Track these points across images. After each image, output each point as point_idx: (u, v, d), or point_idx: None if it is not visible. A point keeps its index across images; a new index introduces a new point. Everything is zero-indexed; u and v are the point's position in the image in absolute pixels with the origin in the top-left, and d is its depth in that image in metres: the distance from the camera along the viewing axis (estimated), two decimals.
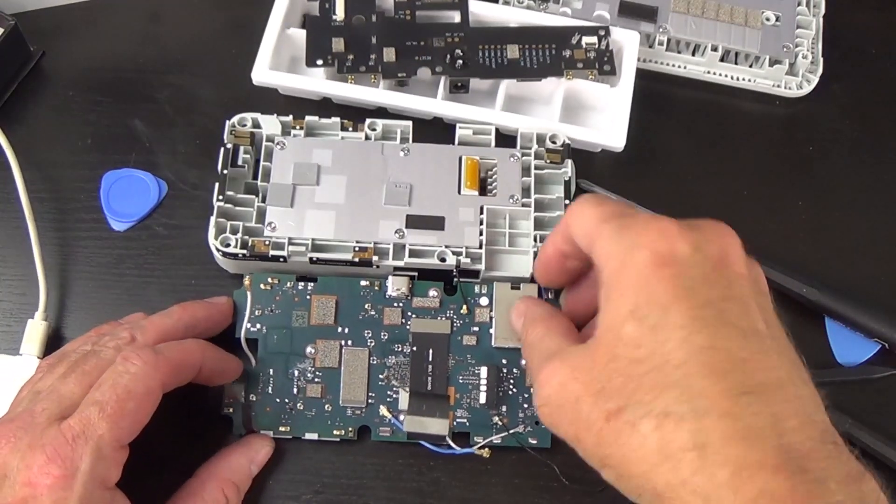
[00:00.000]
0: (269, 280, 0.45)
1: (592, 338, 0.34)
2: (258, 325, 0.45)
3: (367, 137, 0.48)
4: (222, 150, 0.47)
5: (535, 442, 0.44)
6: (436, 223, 0.46)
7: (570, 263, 0.39)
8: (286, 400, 0.44)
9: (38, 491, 0.34)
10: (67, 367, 0.39)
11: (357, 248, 0.45)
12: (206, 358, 0.41)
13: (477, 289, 0.45)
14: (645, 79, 0.54)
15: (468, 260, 0.45)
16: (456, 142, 0.49)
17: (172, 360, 0.39)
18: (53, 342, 0.46)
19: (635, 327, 0.32)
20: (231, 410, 0.44)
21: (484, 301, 0.45)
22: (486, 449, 0.43)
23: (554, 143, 0.49)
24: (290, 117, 0.48)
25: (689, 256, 0.32)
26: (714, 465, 0.29)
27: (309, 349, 0.44)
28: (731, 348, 0.31)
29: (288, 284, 0.45)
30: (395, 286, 0.45)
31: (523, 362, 0.44)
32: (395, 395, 0.44)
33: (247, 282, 0.45)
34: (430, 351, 0.45)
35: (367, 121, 0.48)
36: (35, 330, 0.46)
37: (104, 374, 0.37)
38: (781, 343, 0.33)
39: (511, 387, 0.44)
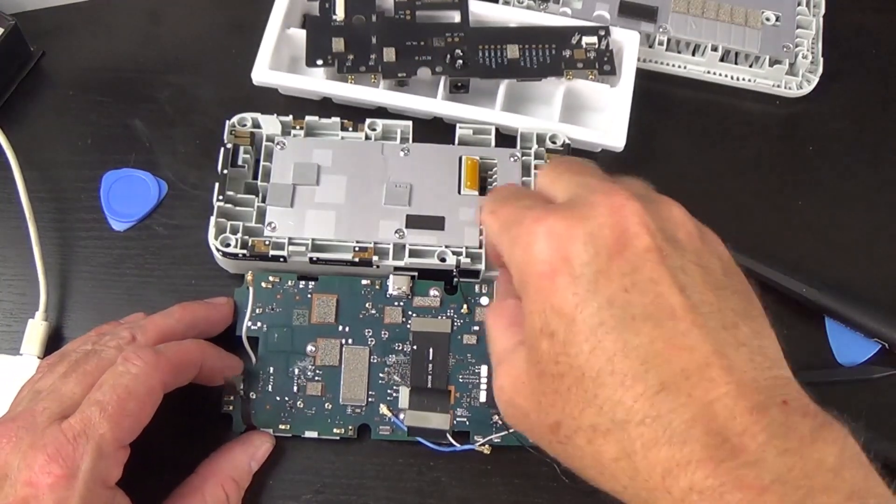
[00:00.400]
0: (271, 278, 0.45)
1: (524, 345, 0.33)
2: (259, 324, 0.45)
3: (367, 137, 0.48)
4: (222, 149, 0.47)
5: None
6: (436, 223, 0.46)
7: None
8: (286, 398, 0.44)
9: (40, 490, 0.34)
10: (68, 366, 0.39)
11: (357, 248, 0.45)
12: (207, 357, 0.41)
13: (477, 288, 0.45)
14: (645, 79, 0.53)
15: (468, 260, 0.45)
16: (456, 142, 0.49)
17: (173, 360, 0.39)
18: (53, 342, 0.46)
19: (549, 344, 0.31)
20: (231, 408, 0.44)
21: (484, 300, 0.45)
22: (487, 446, 0.43)
23: (554, 143, 0.49)
24: (290, 117, 0.48)
25: (581, 254, 0.31)
26: (644, 471, 0.28)
27: (309, 347, 0.44)
28: (641, 345, 0.29)
29: (289, 283, 0.45)
30: (396, 285, 0.45)
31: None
32: (395, 394, 0.44)
33: (249, 277, 0.45)
34: (431, 350, 0.45)
35: (367, 121, 0.48)
36: (35, 330, 0.46)
37: (105, 375, 0.37)
38: (706, 309, 0.30)
39: None
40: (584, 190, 0.34)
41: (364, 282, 0.45)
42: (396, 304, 0.45)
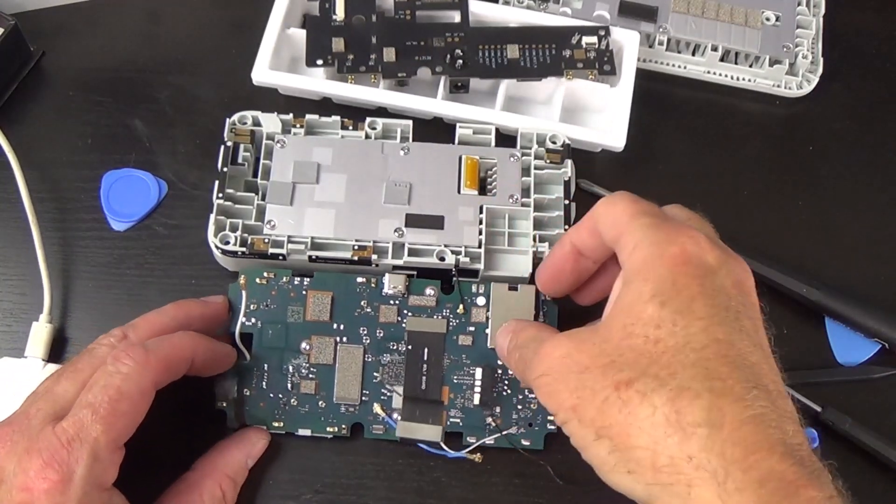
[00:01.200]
0: (266, 275, 0.45)
1: (601, 320, 0.36)
2: (253, 320, 0.45)
3: (367, 136, 0.48)
4: (222, 147, 0.47)
5: (527, 443, 0.44)
6: (435, 222, 0.46)
7: (583, 263, 0.40)
8: (280, 395, 0.44)
9: (35, 495, 0.34)
10: (63, 367, 0.39)
11: (356, 247, 0.45)
12: (198, 349, 0.41)
13: (474, 288, 0.45)
14: (645, 79, 0.54)
15: (467, 259, 0.45)
16: (456, 141, 0.49)
17: (163, 356, 0.38)
18: (55, 343, 0.46)
19: (657, 309, 0.33)
20: (224, 404, 0.44)
21: (481, 301, 0.45)
22: (478, 455, 0.43)
23: (554, 143, 0.49)
24: (291, 116, 0.48)
25: (716, 267, 0.34)
26: (726, 444, 0.30)
27: (304, 345, 0.44)
28: (743, 349, 0.33)
29: (284, 279, 0.45)
30: (392, 284, 0.45)
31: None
32: (388, 394, 0.44)
33: (242, 281, 0.45)
34: (426, 350, 0.45)
35: (368, 119, 0.48)
36: (40, 332, 0.46)
37: (96, 375, 0.37)
38: (774, 364, 0.34)
39: (505, 388, 0.44)
40: (718, 240, 0.38)
41: (359, 280, 0.45)
42: (392, 302, 0.45)
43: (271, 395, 0.44)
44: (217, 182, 0.46)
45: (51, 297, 0.46)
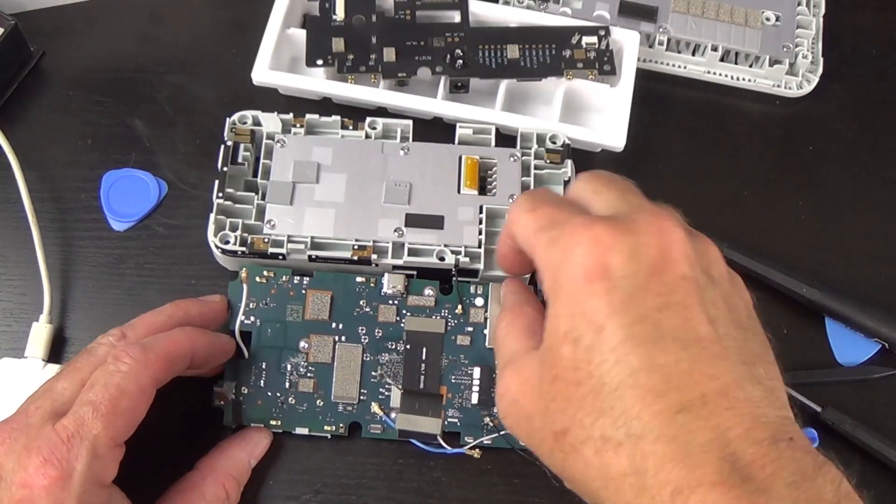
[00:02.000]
0: (265, 273, 0.45)
1: (541, 349, 0.33)
2: (252, 318, 0.45)
3: (367, 136, 0.48)
4: (222, 147, 0.47)
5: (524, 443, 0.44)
6: (435, 222, 0.46)
7: (527, 257, 0.37)
8: (278, 394, 0.44)
9: (35, 492, 0.34)
10: (62, 367, 0.39)
11: (356, 247, 0.45)
12: (197, 344, 0.40)
13: (473, 289, 0.45)
14: (645, 79, 0.54)
15: (467, 259, 0.45)
16: (456, 141, 0.49)
17: (162, 353, 0.38)
18: (54, 343, 0.46)
19: (571, 349, 0.31)
20: (222, 402, 0.43)
21: (479, 301, 0.45)
22: (477, 450, 0.43)
23: (554, 143, 0.49)
24: (291, 115, 0.48)
25: (623, 267, 0.31)
26: (653, 489, 0.28)
27: (302, 344, 0.44)
28: (666, 364, 0.29)
29: (283, 278, 0.45)
30: (391, 283, 0.45)
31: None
32: (387, 393, 0.44)
33: (243, 274, 0.45)
34: (424, 350, 0.45)
35: (368, 119, 0.48)
36: (40, 333, 0.46)
37: (96, 373, 0.37)
38: (730, 342, 0.31)
39: None
40: (629, 207, 0.34)
41: (359, 279, 0.45)
42: (391, 302, 0.45)
43: (269, 393, 0.44)
44: (217, 182, 0.46)
45: (51, 298, 0.46)
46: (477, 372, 0.44)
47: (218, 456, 0.42)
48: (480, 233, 0.46)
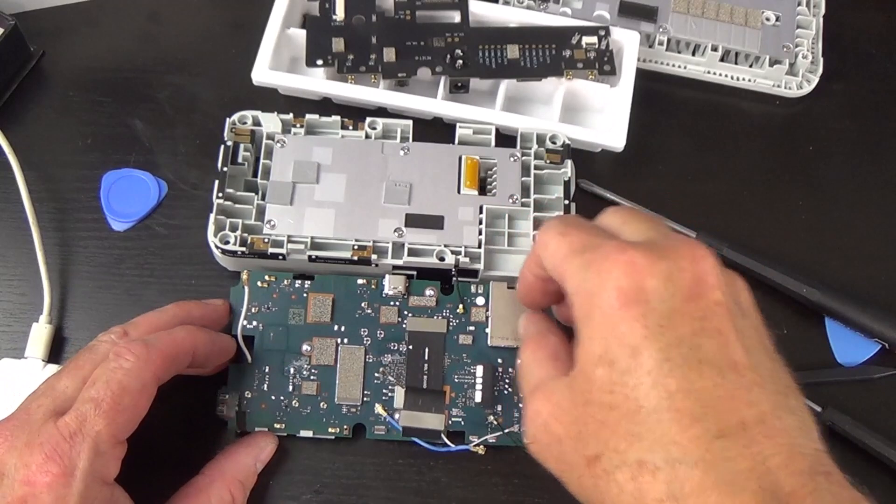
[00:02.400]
0: (267, 277, 0.45)
1: (571, 374, 0.33)
2: (254, 322, 0.45)
3: (367, 136, 0.48)
4: (222, 147, 0.47)
5: None
6: (435, 222, 0.46)
7: (552, 286, 0.37)
8: (281, 397, 0.44)
9: (38, 489, 0.34)
10: (63, 365, 0.39)
11: (356, 247, 0.45)
12: (198, 342, 0.41)
13: (473, 288, 0.45)
14: (645, 79, 0.54)
15: (467, 259, 0.45)
16: (456, 141, 0.49)
17: (164, 350, 0.38)
18: (54, 343, 0.46)
19: (606, 372, 0.31)
20: (225, 409, 0.43)
21: (480, 301, 0.45)
22: (482, 446, 0.43)
23: (554, 143, 0.49)
24: (291, 115, 0.48)
25: (659, 291, 0.31)
26: None
27: (305, 347, 0.44)
28: (704, 388, 0.29)
29: (285, 282, 0.45)
30: (392, 285, 0.45)
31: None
32: (390, 394, 0.44)
33: (244, 276, 0.45)
34: (426, 350, 0.45)
35: (368, 119, 0.48)
36: (40, 333, 0.46)
37: (97, 370, 0.37)
38: (764, 371, 0.31)
39: (506, 386, 0.44)
40: (659, 235, 0.34)
41: (360, 281, 0.45)
42: (392, 303, 0.45)
43: (273, 397, 0.44)
44: (217, 182, 0.46)
45: (50, 298, 0.47)
46: (480, 370, 0.44)
47: (224, 460, 0.42)
48: (480, 233, 0.46)
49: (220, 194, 0.46)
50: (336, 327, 0.45)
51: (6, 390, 0.44)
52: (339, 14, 0.52)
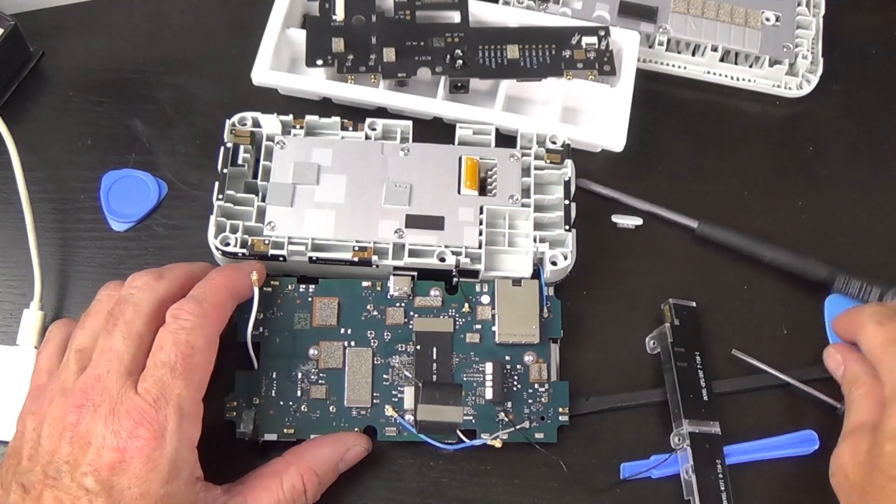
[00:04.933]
0: (271, 283, 0.45)
1: (875, 437, 0.39)
2: (260, 329, 0.44)
3: (367, 137, 0.48)
4: (222, 149, 0.47)
5: (541, 436, 0.44)
6: (435, 223, 0.46)
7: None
8: (290, 402, 0.44)
9: (129, 454, 0.35)
10: (104, 320, 0.39)
11: (356, 248, 0.45)
12: (238, 281, 0.42)
13: (478, 287, 0.46)
14: (645, 79, 0.54)
15: (467, 260, 0.45)
16: (456, 142, 0.49)
17: (214, 301, 0.40)
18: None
19: (893, 448, 0.37)
20: (234, 414, 0.43)
21: (485, 299, 0.45)
22: (498, 440, 0.43)
23: (554, 143, 0.49)
24: (291, 116, 0.48)
25: None
26: None
27: (312, 351, 0.44)
28: None
29: (289, 287, 0.45)
30: (397, 286, 0.45)
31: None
32: (400, 395, 0.44)
33: (254, 277, 0.43)
34: (434, 349, 0.45)
35: (368, 120, 0.48)
36: (31, 319, 0.46)
37: (160, 335, 0.38)
38: None
39: (516, 383, 0.44)
40: None
41: (365, 284, 0.45)
42: (398, 304, 0.45)
43: (281, 402, 0.44)
44: (217, 183, 0.46)
45: (41, 283, 0.47)
46: (489, 367, 0.44)
47: (306, 448, 0.42)
48: (481, 233, 0.46)
49: (221, 196, 0.45)
50: (342, 330, 0.45)
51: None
52: (339, 14, 0.52)
